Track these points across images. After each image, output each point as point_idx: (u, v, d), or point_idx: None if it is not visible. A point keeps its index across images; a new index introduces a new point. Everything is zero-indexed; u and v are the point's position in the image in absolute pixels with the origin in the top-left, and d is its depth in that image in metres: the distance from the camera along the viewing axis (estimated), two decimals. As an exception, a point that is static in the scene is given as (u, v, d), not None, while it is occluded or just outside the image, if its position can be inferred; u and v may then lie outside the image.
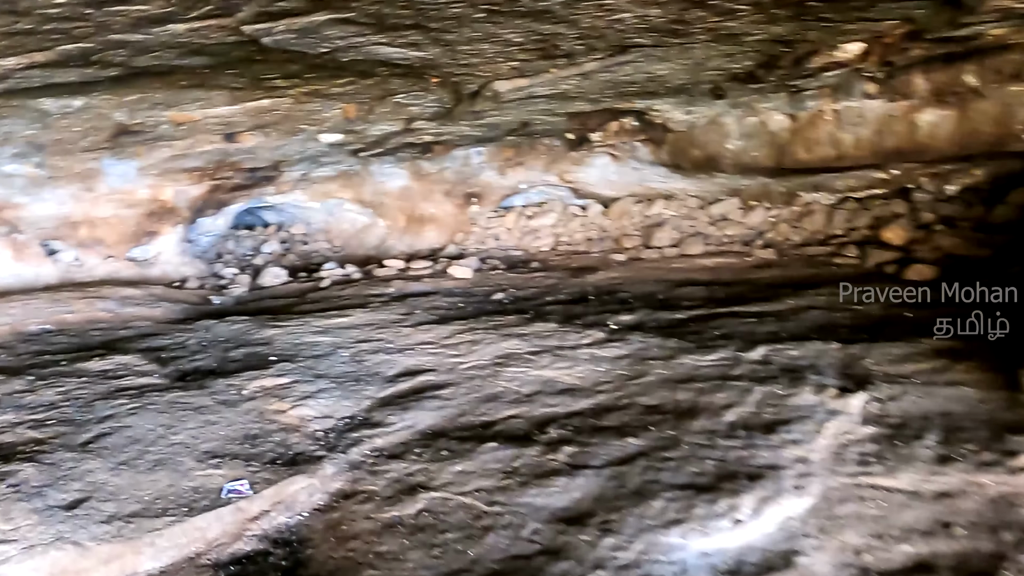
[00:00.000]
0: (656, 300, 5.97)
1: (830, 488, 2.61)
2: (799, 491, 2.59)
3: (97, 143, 6.89)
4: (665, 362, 4.11)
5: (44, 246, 8.18)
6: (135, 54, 4.42)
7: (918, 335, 4.05)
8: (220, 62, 4.77)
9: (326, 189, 10.00)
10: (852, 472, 2.68)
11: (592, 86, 5.79)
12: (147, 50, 4.36)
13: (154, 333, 5.65)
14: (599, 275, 7.23)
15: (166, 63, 4.68)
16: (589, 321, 5.27)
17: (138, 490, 3.00)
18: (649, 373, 3.98)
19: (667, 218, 8.53)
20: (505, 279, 7.47)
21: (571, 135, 7.94)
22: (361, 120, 7.03)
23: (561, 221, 9.40)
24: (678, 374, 3.90)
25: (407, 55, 4.68)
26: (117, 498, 2.92)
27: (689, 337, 4.55)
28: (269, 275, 8.30)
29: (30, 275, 7.94)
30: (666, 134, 7.32)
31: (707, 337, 4.53)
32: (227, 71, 5.15)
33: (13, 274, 7.84)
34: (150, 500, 2.94)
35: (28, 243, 8.03)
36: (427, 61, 4.88)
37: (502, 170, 9.12)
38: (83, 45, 4.18)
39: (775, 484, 2.64)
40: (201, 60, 4.68)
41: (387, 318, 5.85)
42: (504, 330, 5.16)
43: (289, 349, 5.07)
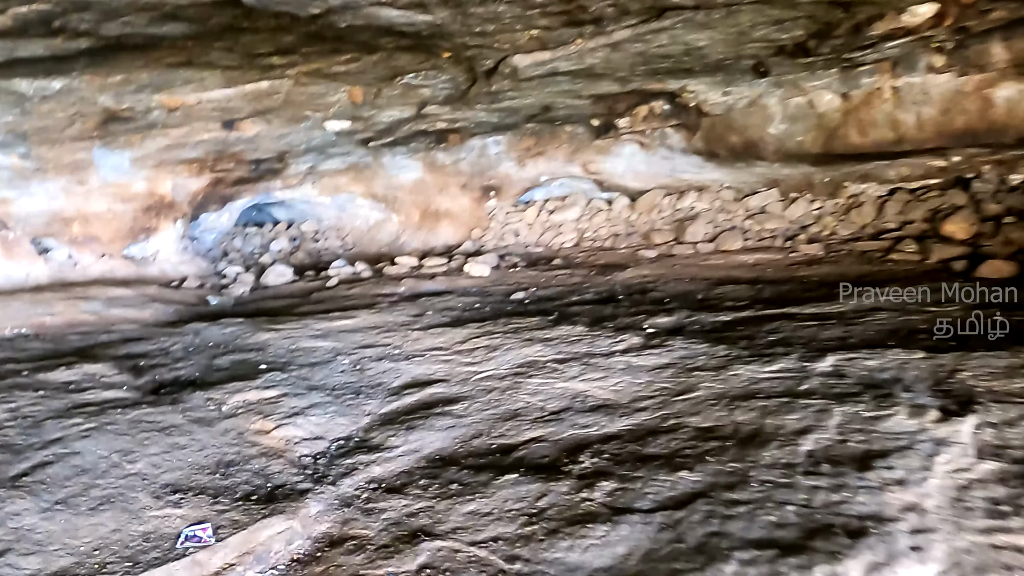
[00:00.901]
0: (695, 300, 5.32)
1: (958, 550, 1.96)
2: (919, 554, 1.94)
3: (85, 131, 6.35)
4: (716, 373, 3.46)
5: (36, 244, 7.67)
6: (102, 19, 3.84)
7: (1019, 343, 3.38)
8: (201, 30, 4.19)
9: (336, 183, 9.43)
10: (984, 528, 2.03)
11: (621, 61, 5.15)
12: (115, 14, 3.78)
13: (138, 337, 5.08)
14: (628, 273, 6.58)
15: (140, 31, 4.10)
16: (622, 324, 4.64)
17: (74, 538, 2.40)
18: (698, 387, 3.34)
19: (700, 211, 7.86)
20: (526, 277, 6.85)
21: (596, 121, 7.30)
22: (369, 105, 6.44)
23: (585, 215, 8.76)
24: (734, 388, 3.25)
25: (413, 20, 4.07)
26: (44, 550, 2.33)
27: (740, 343, 3.90)
28: (273, 274, 7.73)
29: (20, 275, 7.43)
30: (701, 119, 6.66)
31: (762, 343, 3.87)
32: (214, 44, 4.58)
33: (2, 274, 7.33)
34: (86, 552, 2.34)
35: (18, 241, 7.52)
36: (436, 28, 4.26)
37: (521, 161, 8.49)
38: (40, 7, 3.60)
39: (885, 544, 1.99)
40: (179, 28, 4.10)
41: (395, 320, 5.25)
42: (525, 334, 4.53)
43: (283, 356, 4.48)
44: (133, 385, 3.89)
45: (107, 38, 4.15)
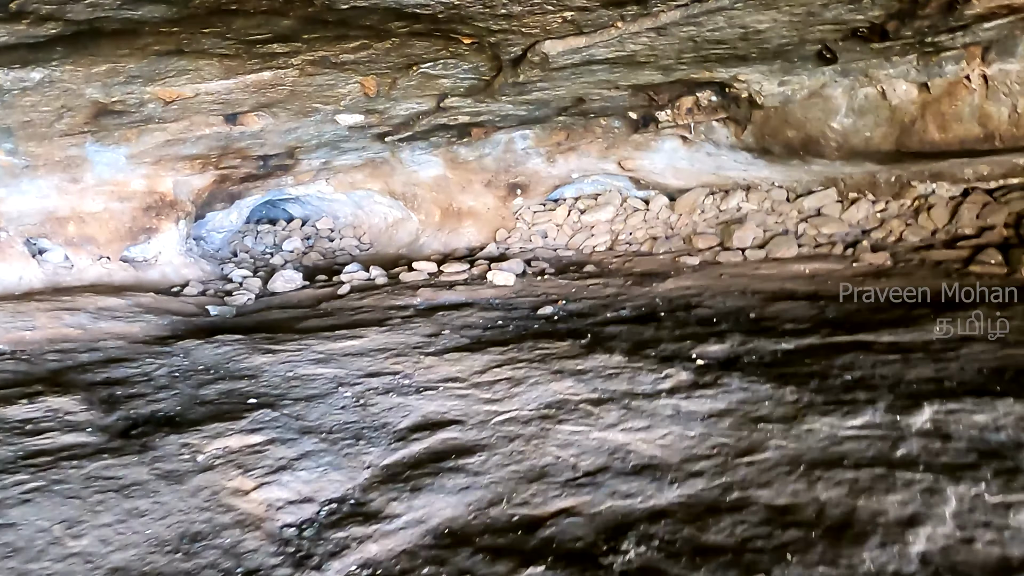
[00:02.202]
0: (748, 319, 4.77)
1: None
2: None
3: (75, 126, 5.94)
4: (786, 426, 2.92)
5: (30, 245, 7.30)
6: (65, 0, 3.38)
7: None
8: (184, 14, 3.71)
9: (352, 179, 8.99)
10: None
11: (668, 47, 4.59)
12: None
13: (120, 359, 4.64)
14: (669, 283, 6.04)
15: (113, 15, 3.63)
16: (666, 352, 4.10)
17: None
18: (765, 445, 2.80)
19: (748, 213, 7.28)
20: (555, 287, 6.33)
21: (634, 114, 6.75)
22: (383, 97, 5.95)
23: (620, 216, 8.22)
24: (811, 450, 2.71)
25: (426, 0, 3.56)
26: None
27: (811, 384, 3.35)
28: (281, 279, 7.29)
29: (12, 278, 7.05)
30: (752, 111, 6.08)
31: (837, 384, 3.32)
32: (202, 30, 4.10)
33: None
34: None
35: (10, 242, 7.15)
36: (454, 11, 3.75)
37: (551, 157, 7.95)
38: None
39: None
40: (158, 10, 3.63)
41: (407, 341, 4.76)
42: (555, 363, 4.02)
43: (277, 386, 4.01)
44: (100, 425, 3.43)
45: (77, 22, 3.69)
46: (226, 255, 9.63)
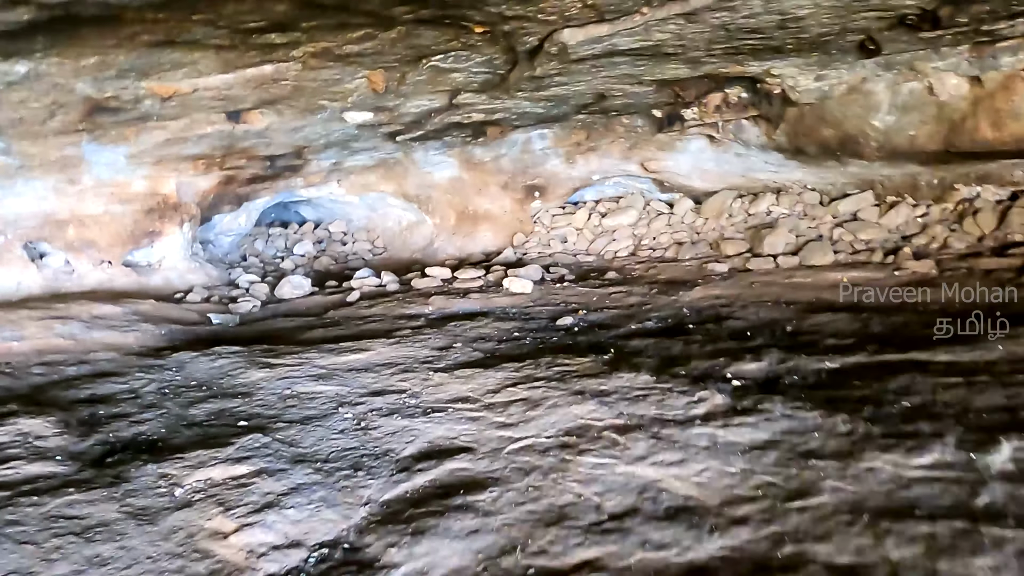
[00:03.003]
0: (784, 333, 4.40)
1: None
2: None
3: (70, 124, 5.65)
4: (842, 464, 2.55)
5: (29, 249, 7.04)
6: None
7: None
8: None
9: (365, 181, 8.67)
10: None
11: (697, 36, 4.23)
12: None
13: (109, 372, 4.34)
14: (696, 292, 5.67)
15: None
16: (697, 370, 3.73)
17: None
18: (819, 486, 2.43)
19: (779, 217, 6.89)
20: (574, 295, 5.98)
21: (659, 112, 6.38)
22: (392, 93, 5.63)
23: (642, 220, 7.85)
24: (873, 494, 2.34)
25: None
26: None
27: (864, 411, 2.97)
28: (288, 285, 6.98)
29: (10, 284, 6.79)
30: (785, 109, 5.69)
31: (894, 412, 2.94)
32: (191, 17, 3.80)
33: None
34: None
35: (8, 246, 6.88)
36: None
37: (570, 158, 7.60)
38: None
39: None
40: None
41: (416, 355, 4.42)
42: (575, 382, 3.66)
43: (272, 405, 3.68)
44: (72, 452, 3.12)
45: (50, 6, 3.39)
46: (235, 259, 9.34)
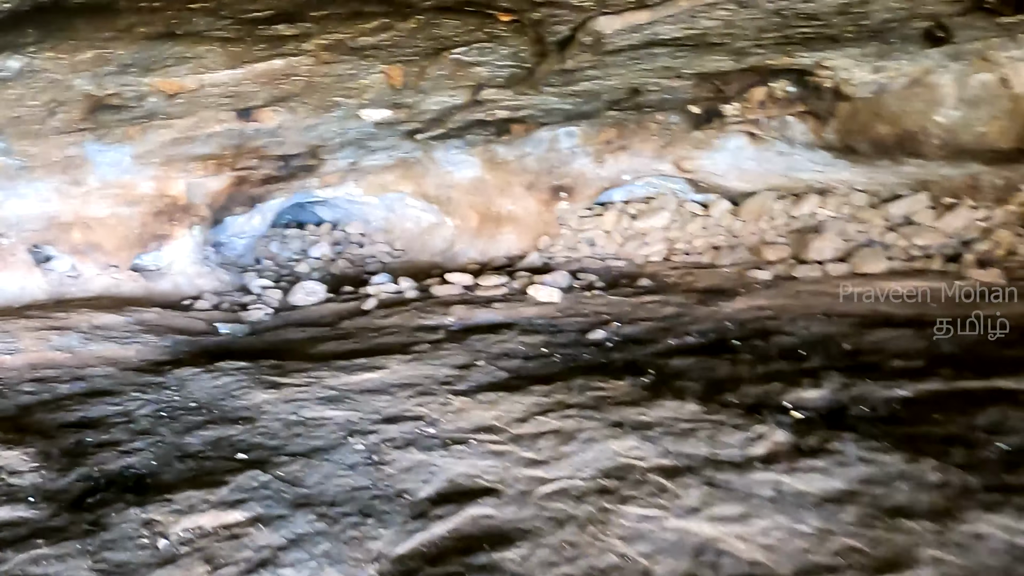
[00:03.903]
0: (841, 352, 4.00)
1: None
2: None
3: (71, 122, 5.37)
4: (939, 528, 2.15)
5: (35, 252, 6.77)
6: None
7: None
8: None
9: (383, 181, 8.34)
10: None
11: (749, 24, 3.84)
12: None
13: (104, 391, 4.03)
14: (738, 303, 5.26)
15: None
16: (750, 398, 3.34)
17: None
18: (916, 555, 2.04)
19: (825, 220, 6.46)
20: (605, 304, 5.59)
21: (696, 108, 5.99)
22: (411, 89, 5.29)
23: (675, 222, 7.45)
24: (986, 570, 1.95)
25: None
26: None
27: (954, 454, 2.57)
28: (301, 292, 6.66)
29: (14, 289, 6.54)
30: (837, 104, 5.27)
31: (991, 458, 2.53)
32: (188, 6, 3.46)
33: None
34: None
35: (12, 249, 6.63)
36: (491, -25, 3.05)
37: (600, 156, 7.22)
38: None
39: None
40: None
41: (435, 374, 4.06)
42: (611, 411, 3.28)
43: (275, 433, 3.34)
44: (49, 491, 2.79)
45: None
46: (249, 262, 9.05)
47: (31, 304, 6.29)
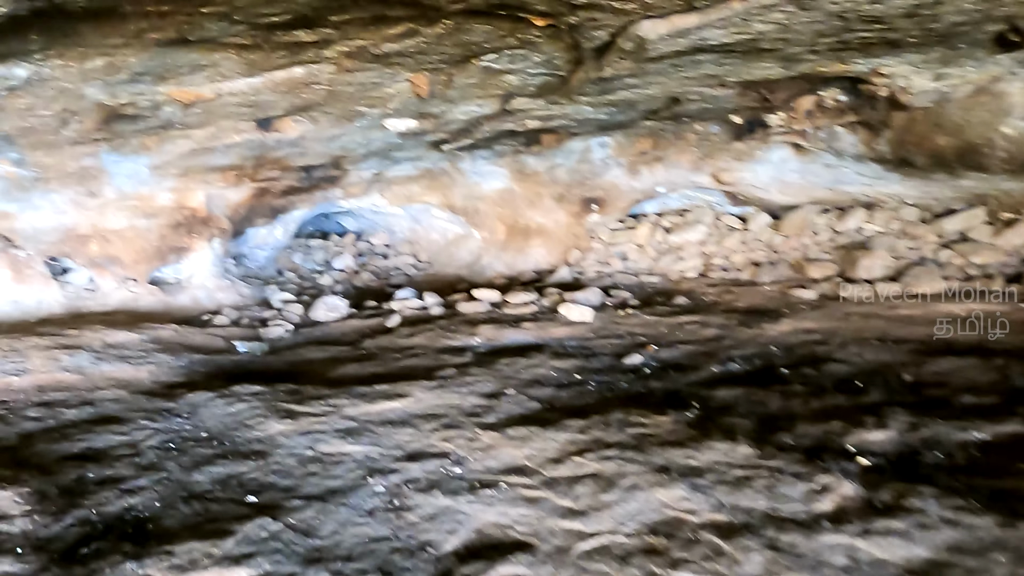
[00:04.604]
0: (902, 384, 3.69)
1: None
2: None
3: (85, 132, 5.19)
4: (1052, 613, 1.85)
5: (52, 265, 6.62)
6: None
7: None
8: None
9: (408, 191, 8.11)
10: None
11: (806, 28, 3.55)
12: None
13: (112, 418, 3.81)
14: (783, 325, 4.96)
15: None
16: (807, 439, 3.05)
17: None
18: (1027, 651, 1.75)
19: (872, 236, 6.12)
20: (640, 325, 5.31)
21: (738, 117, 5.69)
22: (438, 98, 5.05)
23: (712, 236, 7.14)
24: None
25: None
26: None
27: (1054, 517, 2.26)
28: (323, 307, 6.43)
29: (31, 302, 6.39)
30: (892, 113, 4.95)
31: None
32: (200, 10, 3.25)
33: (10, 300, 6.32)
34: None
35: (29, 262, 6.48)
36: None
37: (634, 168, 6.93)
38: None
39: None
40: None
41: (461, 404, 3.80)
42: (656, 452, 3.00)
43: (290, 471, 3.09)
44: (40, 539, 2.56)
45: None
46: (271, 274, 8.87)
47: (47, 318, 6.13)
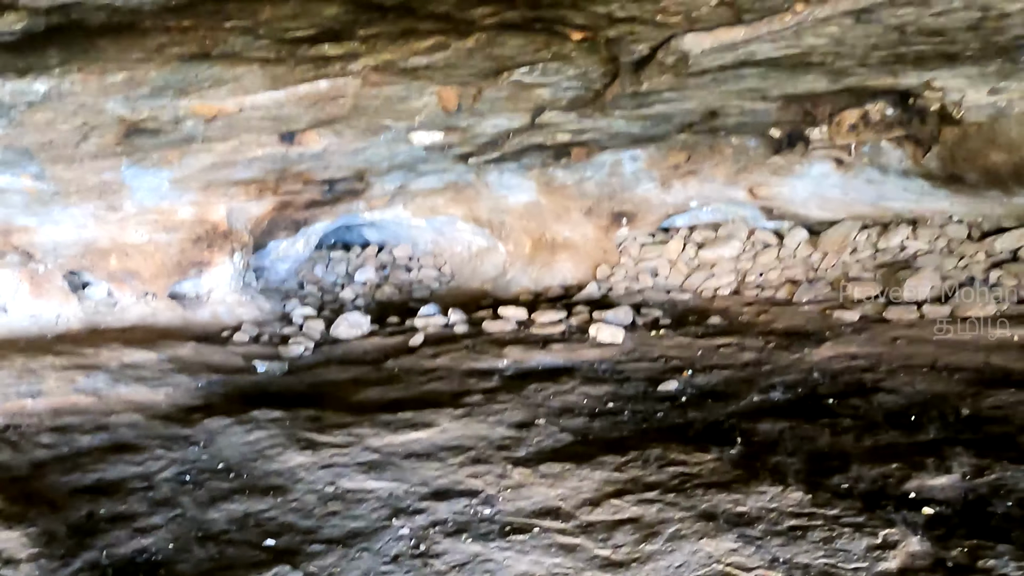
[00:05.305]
0: (959, 418, 3.50)
1: None
2: None
3: (105, 146, 5.10)
4: None
5: (71, 278, 6.56)
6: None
7: None
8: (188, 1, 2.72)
9: (432, 204, 7.99)
10: None
11: (858, 43, 3.37)
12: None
13: (126, 446, 3.69)
14: (825, 349, 4.76)
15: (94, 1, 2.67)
16: (864, 482, 2.85)
17: None
18: None
19: (916, 254, 5.90)
20: (674, 347, 5.14)
21: (777, 131, 5.50)
22: (466, 112, 4.92)
23: (746, 252, 6.94)
24: None
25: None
26: None
27: None
28: (344, 324, 6.31)
29: (50, 316, 6.33)
30: (943, 128, 4.74)
31: None
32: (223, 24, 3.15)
33: (29, 314, 6.27)
34: None
35: (49, 276, 6.42)
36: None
37: (666, 181, 6.76)
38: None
39: None
40: None
41: (489, 435, 3.64)
42: (700, 495, 2.82)
43: (310, 510, 2.94)
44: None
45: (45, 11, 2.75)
46: (292, 287, 8.78)
47: (65, 333, 6.05)
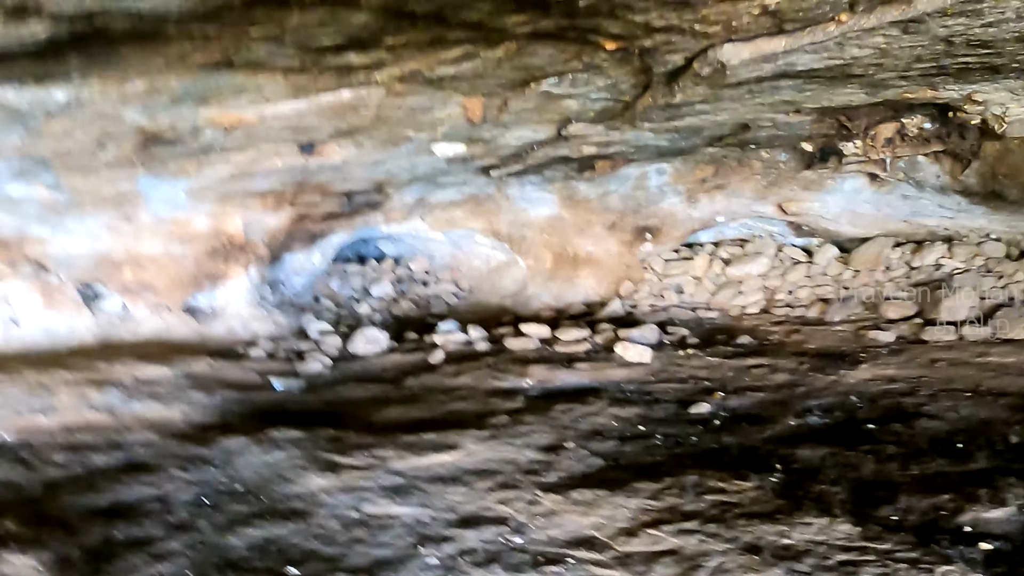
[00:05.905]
0: (1009, 448, 3.39)
1: None
2: None
3: (122, 156, 5.06)
4: None
5: (84, 290, 6.52)
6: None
7: None
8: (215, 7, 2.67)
9: (450, 216, 7.92)
10: None
11: (903, 54, 3.28)
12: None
13: (142, 466, 3.63)
14: (862, 372, 4.66)
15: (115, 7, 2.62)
16: (914, 514, 2.75)
17: None
18: None
19: (952, 273, 5.78)
20: (704, 367, 5.04)
21: (809, 145, 5.41)
22: (491, 123, 4.85)
23: (775, 269, 6.84)
24: None
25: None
26: None
27: None
28: (362, 340, 6.24)
29: (62, 329, 6.29)
30: (984, 143, 4.64)
31: None
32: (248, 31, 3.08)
33: (41, 327, 6.22)
34: None
35: (61, 288, 6.38)
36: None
37: (692, 196, 6.67)
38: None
39: None
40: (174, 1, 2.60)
41: (517, 459, 3.55)
42: (742, 526, 2.72)
43: (333, 536, 2.86)
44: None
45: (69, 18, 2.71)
46: (307, 300, 8.72)
47: (78, 347, 6.02)
